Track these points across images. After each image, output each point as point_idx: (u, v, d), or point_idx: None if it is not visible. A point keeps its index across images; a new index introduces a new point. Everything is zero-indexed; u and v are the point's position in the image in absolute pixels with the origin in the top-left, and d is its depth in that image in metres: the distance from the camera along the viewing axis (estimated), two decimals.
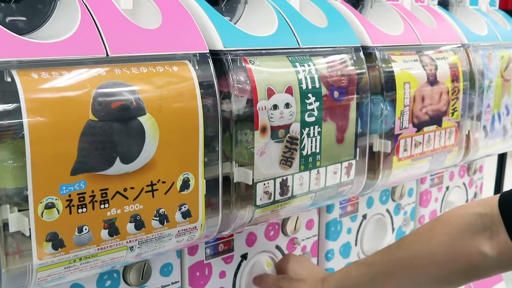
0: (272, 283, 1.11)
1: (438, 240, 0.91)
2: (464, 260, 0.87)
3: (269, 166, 0.92)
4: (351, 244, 1.33)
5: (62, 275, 0.75)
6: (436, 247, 0.90)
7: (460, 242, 0.88)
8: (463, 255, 0.87)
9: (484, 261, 0.85)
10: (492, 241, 0.85)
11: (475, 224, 0.87)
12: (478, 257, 0.85)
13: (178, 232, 0.83)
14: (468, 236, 0.87)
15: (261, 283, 1.13)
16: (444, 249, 0.90)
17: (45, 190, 0.70)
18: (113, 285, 0.95)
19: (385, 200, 1.39)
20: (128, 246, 0.79)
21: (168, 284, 1.02)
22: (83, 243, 0.74)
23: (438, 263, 0.89)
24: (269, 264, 1.15)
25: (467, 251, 0.87)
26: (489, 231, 0.85)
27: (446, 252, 0.89)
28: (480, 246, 0.85)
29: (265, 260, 1.15)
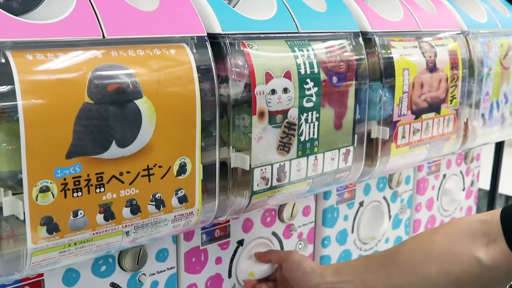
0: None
1: (436, 238, 0.91)
2: (457, 262, 0.87)
3: (266, 151, 0.92)
4: (348, 231, 1.33)
5: (57, 260, 0.75)
6: (433, 243, 0.90)
7: (456, 244, 0.88)
8: (457, 257, 0.87)
9: (478, 267, 0.84)
10: (488, 248, 0.84)
11: (474, 228, 0.87)
12: (472, 261, 0.85)
13: (175, 217, 0.83)
14: (466, 240, 0.87)
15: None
16: (440, 247, 0.89)
17: (39, 173, 0.69)
18: (108, 270, 0.94)
19: (382, 187, 1.38)
20: (124, 231, 0.78)
21: (163, 270, 1.01)
22: (78, 228, 0.73)
23: (432, 260, 0.89)
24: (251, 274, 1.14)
25: (462, 254, 0.86)
26: (486, 237, 0.85)
27: (442, 250, 0.89)
28: (476, 251, 0.85)
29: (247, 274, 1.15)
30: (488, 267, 0.84)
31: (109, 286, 0.95)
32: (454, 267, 0.87)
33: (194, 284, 1.06)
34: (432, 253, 0.89)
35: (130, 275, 0.97)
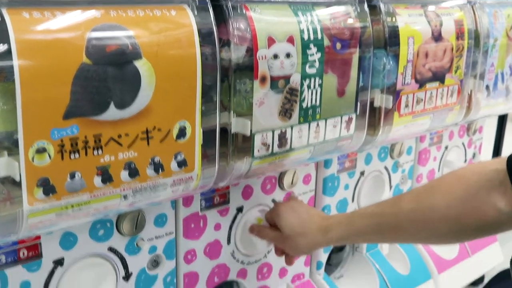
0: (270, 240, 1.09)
1: (453, 195, 0.88)
2: (478, 215, 0.85)
3: (268, 117, 0.90)
4: (348, 200, 1.32)
5: (53, 222, 0.74)
6: (451, 201, 0.87)
7: (476, 198, 0.85)
8: (478, 210, 0.85)
9: (499, 216, 0.83)
10: (506, 196, 0.82)
11: (491, 179, 0.84)
12: (493, 212, 0.83)
13: (173, 181, 0.82)
14: (484, 192, 0.84)
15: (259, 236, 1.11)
16: (458, 204, 0.87)
17: (36, 134, 0.67)
18: (106, 235, 0.94)
19: (383, 157, 1.37)
20: (122, 194, 0.77)
21: (162, 235, 1.01)
22: (75, 190, 0.72)
23: (450, 218, 0.87)
24: (260, 220, 1.13)
25: (482, 207, 0.84)
26: (503, 186, 0.83)
27: (461, 207, 0.86)
28: (496, 202, 0.82)
29: (255, 218, 1.13)
30: (507, 215, 0.83)
31: (107, 250, 0.95)
32: (475, 220, 0.85)
33: (192, 250, 1.06)
34: (451, 211, 0.87)
35: (128, 239, 0.96)
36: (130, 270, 0.99)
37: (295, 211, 1.07)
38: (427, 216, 0.89)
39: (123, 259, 0.97)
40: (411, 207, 0.92)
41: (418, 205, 0.91)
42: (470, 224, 0.86)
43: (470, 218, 0.85)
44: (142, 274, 1.00)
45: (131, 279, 0.99)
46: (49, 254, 0.89)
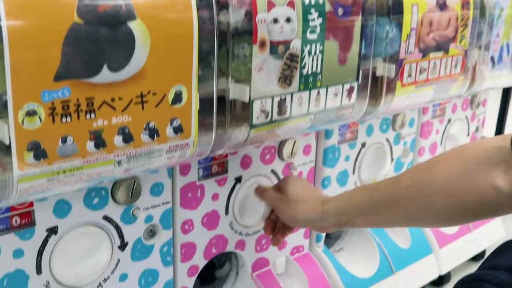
0: (271, 201, 1.07)
1: (451, 170, 0.85)
2: (476, 193, 0.82)
3: (267, 83, 0.88)
4: (349, 172, 1.30)
5: (45, 188, 0.72)
6: (448, 176, 0.84)
7: (474, 174, 0.82)
8: (476, 187, 0.82)
9: (497, 196, 0.79)
10: (507, 175, 0.80)
11: (492, 157, 0.81)
12: (491, 191, 0.79)
13: (169, 148, 0.79)
14: (484, 169, 0.81)
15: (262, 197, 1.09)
16: (456, 180, 0.84)
17: (26, 96, 0.65)
18: (101, 203, 0.92)
19: (385, 129, 1.35)
20: (116, 160, 0.75)
21: (158, 204, 0.99)
22: (67, 155, 0.70)
23: (448, 194, 0.84)
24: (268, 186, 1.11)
25: (480, 184, 0.81)
26: (505, 164, 0.80)
27: (458, 182, 0.83)
28: (495, 180, 0.79)
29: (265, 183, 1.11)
30: (507, 195, 0.80)
31: (102, 219, 0.93)
32: (472, 198, 0.82)
33: (189, 220, 1.04)
34: (448, 187, 0.84)
35: (123, 208, 0.94)
36: (126, 240, 0.97)
37: (303, 183, 1.07)
38: (424, 192, 0.86)
39: (119, 228, 0.95)
40: (409, 183, 0.89)
41: (417, 181, 0.88)
42: (468, 203, 0.82)
43: (468, 195, 0.82)
44: (138, 243, 0.99)
45: (127, 248, 0.97)
46: (42, 222, 0.87)
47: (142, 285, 1.02)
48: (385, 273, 1.37)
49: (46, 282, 0.90)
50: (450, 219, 0.86)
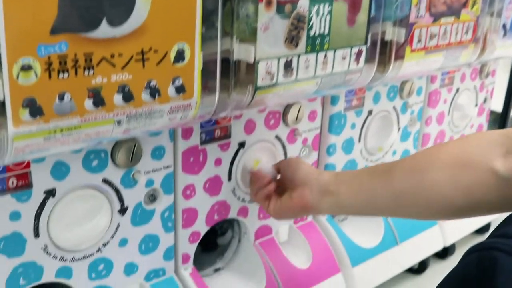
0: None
1: (447, 147, 0.84)
2: (470, 172, 0.78)
3: (272, 43, 0.84)
4: (355, 140, 1.27)
5: (41, 147, 0.69)
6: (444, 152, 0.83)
7: (470, 152, 0.79)
8: (471, 166, 0.78)
9: (493, 178, 0.76)
10: (506, 159, 0.76)
11: (491, 139, 0.79)
12: (487, 172, 0.76)
13: (171, 108, 0.76)
14: (481, 149, 0.78)
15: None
16: (451, 155, 0.81)
17: (20, 49, 0.62)
18: (100, 166, 0.89)
19: (392, 96, 1.31)
20: (115, 119, 0.72)
21: (159, 168, 0.96)
22: (64, 112, 0.67)
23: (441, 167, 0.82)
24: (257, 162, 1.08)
25: (476, 163, 0.78)
26: (505, 148, 0.77)
27: (453, 158, 0.80)
28: (492, 161, 0.76)
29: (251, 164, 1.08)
30: (504, 179, 0.76)
31: (102, 182, 0.90)
32: (465, 176, 0.79)
33: (191, 185, 1.02)
34: (442, 160, 0.81)
35: (123, 171, 0.92)
36: (126, 204, 0.95)
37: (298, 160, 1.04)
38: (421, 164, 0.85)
39: (119, 192, 0.93)
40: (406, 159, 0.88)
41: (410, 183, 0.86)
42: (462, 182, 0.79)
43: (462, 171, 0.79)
44: (139, 208, 0.96)
45: (127, 213, 0.95)
46: (40, 184, 0.84)
47: (143, 250, 1.00)
48: (389, 243, 1.35)
49: (44, 246, 0.88)
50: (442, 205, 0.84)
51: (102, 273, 0.96)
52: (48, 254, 0.89)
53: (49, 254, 0.89)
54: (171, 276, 1.06)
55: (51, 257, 0.90)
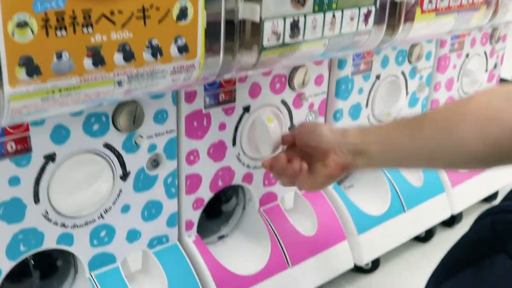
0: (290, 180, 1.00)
1: (473, 100, 0.80)
2: (498, 124, 0.75)
3: (279, 2, 0.81)
4: (362, 105, 1.24)
5: (39, 108, 0.66)
6: (471, 105, 0.79)
7: (496, 105, 0.76)
8: (498, 118, 0.75)
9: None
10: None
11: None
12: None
13: (173, 68, 0.74)
14: (507, 100, 0.76)
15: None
16: (478, 108, 0.77)
17: (15, 5, 0.59)
18: (101, 129, 0.87)
19: (401, 61, 1.28)
20: (116, 80, 0.70)
21: (162, 133, 0.94)
22: (62, 72, 0.64)
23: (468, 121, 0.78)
24: (270, 119, 1.05)
25: (502, 115, 0.75)
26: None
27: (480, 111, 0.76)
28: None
29: (266, 117, 1.05)
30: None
31: (103, 147, 0.88)
32: (494, 130, 0.76)
33: (195, 150, 0.99)
34: (470, 116, 0.78)
35: (125, 136, 0.90)
36: (128, 169, 0.92)
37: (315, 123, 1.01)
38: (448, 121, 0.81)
39: (120, 157, 0.90)
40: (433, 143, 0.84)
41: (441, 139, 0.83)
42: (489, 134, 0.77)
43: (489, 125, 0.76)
44: (141, 173, 0.94)
45: (129, 178, 0.93)
46: (39, 148, 0.82)
47: (145, 217, 0.98)
48: (396, 210, 1.33)
49: (44, 212, 0.86)
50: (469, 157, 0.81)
51: (104, 240, 0.95)
52: (49, 221, 0.87)
53: (49, 220, 0.87)
54: (174, 243, 1.05)
55: (52, 223, 0.88)
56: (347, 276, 1.29)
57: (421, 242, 1.46)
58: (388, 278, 1.33)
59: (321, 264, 1.20)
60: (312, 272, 1.18)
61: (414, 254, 1.42)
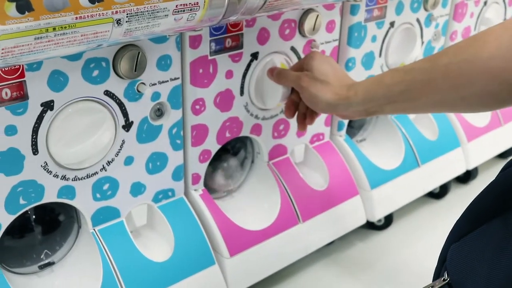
0: (292, 80, 0.96)
1: (496, 43, 0.71)
2: None
3: None
4: (375, 54, 1.19)
5: (33, 48, 0.62)
6: (493, 50, 0.70)
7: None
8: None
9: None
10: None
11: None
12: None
13: (176, 6, 0.69)
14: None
15: (279, 77, 0.98)
16: (501, 54, 0.70)
17: None
18: (101, 76, 0.82)
19: (416, 7, 1.22)
20: (114, 18, 0.65)
21: (166, 80, 0.89)
22: (56, 8, 0.60)
23: (490, 71, 0.71)
24: (284, 66, 1.01)
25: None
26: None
27: (504, 56, 0.70)
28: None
29: (279, 62, 1.00)
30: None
31: (103, 94, 0.83)
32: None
33: (201, 99, 0.95)
34: (492, 62, 0.70)
35: (127, 83, 0.85)
36: (131, 119, 0.88)
37: (330, 61, 0.96)
38: (463, 69, 0.73)
39: (122, 106, 0.86)
40: (447, 61, 0.76)
41: (456, 58, 0.75)
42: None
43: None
44: (145, 123, 0.90)
45: (132, 129, 0.89)
46: (36, 95, 0.78)
47: (150, 169, 0.94)
48: (410, 165, 1.29)
49: (44, 163, 0.82)
50: (489, 102, 0.75)
51: (107, 193, 0.91)
52: (49, 173, 0.83)
53: (49, 173, 0.83)
54: (180, 197, 1.01)
55: (52, 175, 0.84)
56: (359, 232, 1.26)
57: (435, 198, 1.42)
58: (401, 235, 1.29)
59: (333, 220, 1.16)
60: (323, 228, 1.15)
61: (428, 211, 1.38)
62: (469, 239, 0.68)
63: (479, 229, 0.66)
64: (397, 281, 1.16)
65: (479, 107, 0.78)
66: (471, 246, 0.67)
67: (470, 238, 0.67)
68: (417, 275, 1.13)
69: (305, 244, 1.11)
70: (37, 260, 0.92)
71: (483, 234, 0.65)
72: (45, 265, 0.92)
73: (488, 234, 0.65)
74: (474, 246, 0.67)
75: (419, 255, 1.22)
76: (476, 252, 0.66)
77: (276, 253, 1.07)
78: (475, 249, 0.66)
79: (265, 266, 1.06)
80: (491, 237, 0.64)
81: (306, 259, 1.15)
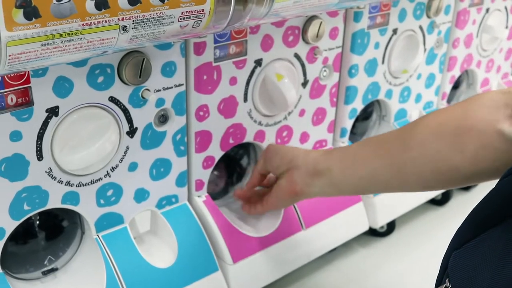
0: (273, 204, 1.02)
1: (450, 112, 0.78)
2: (476, 136, 0.72)
3: None
4: (378, 61, 1.19)
5: (40, 55, 0.62)
6: (447, 117, 0.77)
7: (474, 116, 0.74)
8: (476, 130, 0.73)
9: (499, 141, 0.71)
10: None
11: (495, 100, 0.73)
12: (493, 135, 0.71)
13: (182, 13, 0.69)
14: (485, 111, 0.73)
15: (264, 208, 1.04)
16: (455, 120, 0.75)
17: None
18: (106, 82, 0.82)
19: (419, 15, 1.22)
20: (121, 25, 0.65)
21: (170, 86, 0.89)
22: (63, 15, 0.60)
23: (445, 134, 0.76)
24: (280, 77, 1.01)
25: (481, 126, 0.72)
26: (510, 108, 0.71)
27: (457, 123, 0.75)
28: (498, 123, 0.71)
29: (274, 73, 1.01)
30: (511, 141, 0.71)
31: (108, 100, 0.84)
32: (471, 141, 0.73)
33: (205, 105, 0.95)
34: (446, 126, 0.76)
35: (132, 89, 0.85)
36: (135, 125, 0.88)
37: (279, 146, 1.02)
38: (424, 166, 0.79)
39: (127, 112, 0.86)
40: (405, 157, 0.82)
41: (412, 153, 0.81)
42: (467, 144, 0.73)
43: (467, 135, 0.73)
44: (149, 130, 0.90)
45: (136, 135, 0.89)
46: (42, 101, 0.78)
47: (154, 176, 0.94)
48: None
49: (48, 169, 0.82)
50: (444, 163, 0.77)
51: (111, 199, 0.91)
52: (53, 178, 0.84)
53: (54, 178, 0.84)
54: (184, 203, 1.01)
55: (56, 181, 0.84)
56: (361, 239, 1.26)
57: (437, 205, 1.42)
58: (403, 242, 1.29)
59: (335, 227, 1.16)
60: (326, 235, 1.15)
61: (430, 217, 1.39)
62: (471, 246, 0.68)
63: (481, 236, 0.66)
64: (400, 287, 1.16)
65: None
66: (473, 253, 0.68)
67: (472, 245, 0.67)
68: (419, 282, 1.13)
69: (308, 250, 1.11)
70: (41, 266, 0.93)
71: (485, 241, 0.66)
72: (48, 271, 0.92)
73: (491, 241, 0.65)
74: (476, 253, 0.67)
75: (421, 262, 1.22)
76: (478, 259, 0.66)
77: (279, 260, 1.07)
78: (477, 256, 0.67)
79: (268, 273, 1.06)
80: (493, 244, 0.64)
81: (308, 266, 1.15)
